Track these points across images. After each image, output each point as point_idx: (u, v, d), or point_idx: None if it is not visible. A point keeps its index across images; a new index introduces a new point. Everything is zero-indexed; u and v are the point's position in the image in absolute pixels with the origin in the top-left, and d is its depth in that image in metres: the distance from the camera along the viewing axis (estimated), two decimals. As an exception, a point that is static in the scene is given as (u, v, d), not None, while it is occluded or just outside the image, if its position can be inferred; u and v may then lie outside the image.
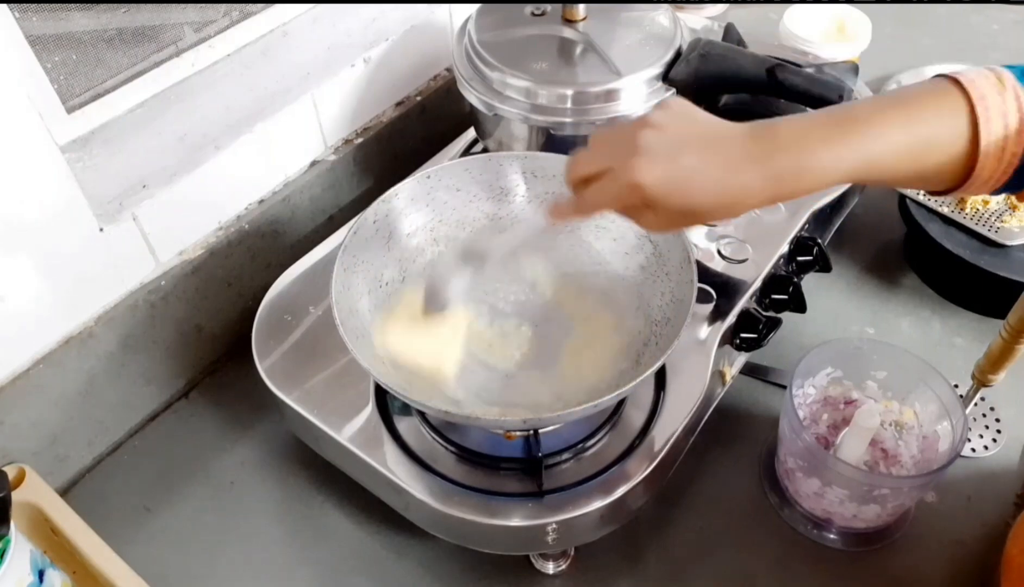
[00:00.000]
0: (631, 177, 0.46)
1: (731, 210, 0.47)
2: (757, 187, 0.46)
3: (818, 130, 0.46)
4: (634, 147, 0.47)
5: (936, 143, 0.45)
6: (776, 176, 0.45)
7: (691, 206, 0.47)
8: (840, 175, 0.46)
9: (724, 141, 0.47)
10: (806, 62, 0.91)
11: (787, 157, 0.45)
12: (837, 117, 0.46)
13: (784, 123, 0.46)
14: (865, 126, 0.45)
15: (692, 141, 0.47)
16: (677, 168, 0.46)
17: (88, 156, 0.71)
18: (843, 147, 0.45)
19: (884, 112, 0.45)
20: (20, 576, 0.56)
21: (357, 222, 0.66)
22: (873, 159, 0.45)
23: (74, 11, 0.66)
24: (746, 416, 0.77)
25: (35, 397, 0.68)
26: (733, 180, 0.46)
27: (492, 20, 0.83)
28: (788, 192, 0.46)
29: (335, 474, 0.70)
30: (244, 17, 0.80)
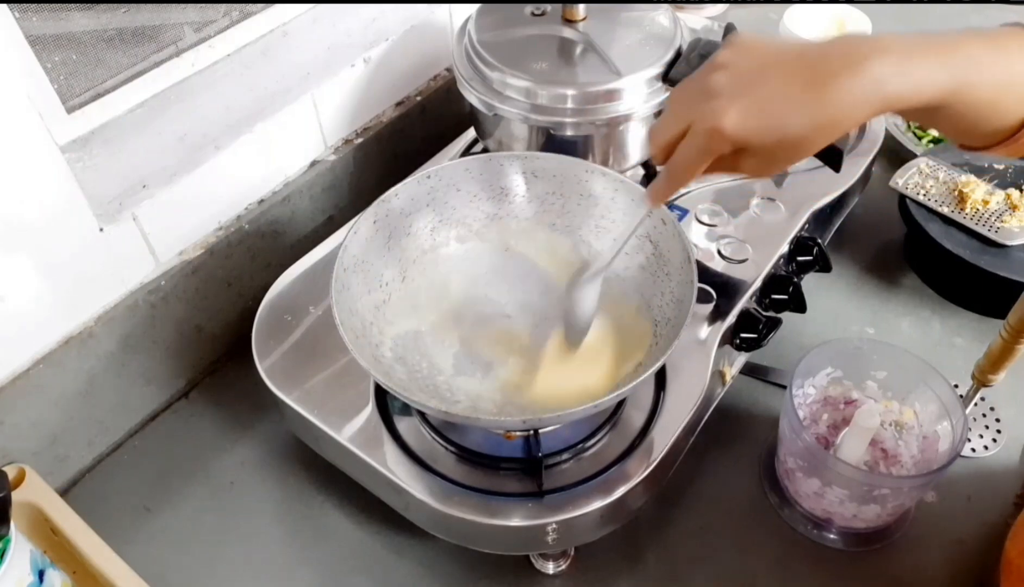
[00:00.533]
0: (711, 124, 0.43)
1: (831, 131, 0.43)
2: (855, 98, 0.42)
3: (917, 41, 0.42)
4: (707, 93, 0.44)
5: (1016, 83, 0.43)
6: (878, 81, 0.42)
7: (784, 136, 0.43)
8: (934, 91, 0.42)
9: (806, 56, 0.43)
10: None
11: (888, 60, 0.42)
12: (932, 37, 0.43)
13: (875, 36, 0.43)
14: (964, 49, 0.43)
15: (771, 66, 0.43)
16: (760, 100, 0.43)
17: (88, 156, 0.71)
18: (944, 61, 0.42)
19: (977, 40, 0.43)
20: (20, 576, 0.56)
21: (357, 222, 0.66)
22: (964, 83, 0.43)
23: (74, 11, 0.66)
24: (746, 416, 0.77)
25: (35, 397, 0.68)
26: (827, 95, 0.42)
27: (492, 20, 0.83)
28: (891, 100, 0.42)
29: (335, 474, 0.70)
30: (244, 17, 0.80)
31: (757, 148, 0.44)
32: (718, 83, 0.44)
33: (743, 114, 0.43)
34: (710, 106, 0.44)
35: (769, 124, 0.43)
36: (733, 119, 0.43)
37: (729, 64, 0.44)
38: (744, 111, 0.43)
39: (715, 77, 0.44)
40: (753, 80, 0.43)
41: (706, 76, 0.45)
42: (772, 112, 0.43)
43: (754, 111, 0.43)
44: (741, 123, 0.43)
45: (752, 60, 0.44)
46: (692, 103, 0.45)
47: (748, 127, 0.43)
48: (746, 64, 0.44)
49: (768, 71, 0.44)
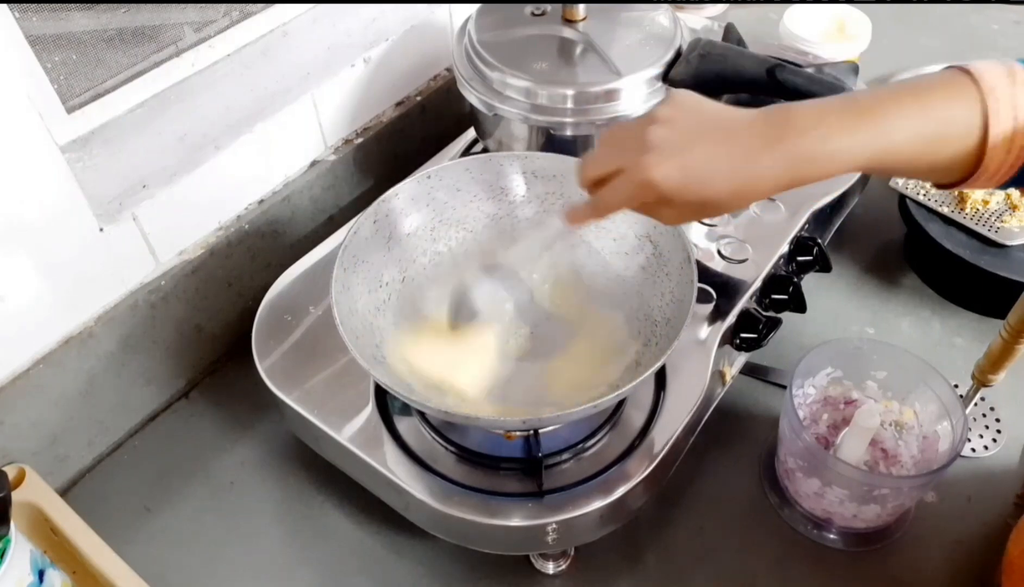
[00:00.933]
0: (643, 176, 0.46)
1: (747, 198, 0.47)
2: (772, 173, 0.45)
3: (834, 116, 0.45)
4: (644, 145, 0.47)
5: (949, 133, 0.45)
6: (792, 161, 0.45)
7: (707, 197, 0.47)
8: (854, 162, 0.45)
9: (736, 129, 0.47)
10: (806, 62, 0.91)
11: (803, 142, 0.45)
12: (852, 104, 0.46)
13: (798, 108, 0.46)
14: (881, 114, 0.45)
15: (703, 132, 0.47)
16: (689, 161, 0.46)
17: (88, 156, 0.71)
18: (859, 134, 0.44)
19: (899, 100, 0.45)
20: (20, 576, 0.56)
21: (357, 222, 0.66)
22: (888, 147, 0.45)
23: (74, 11, 0.66)
24: (746, 416, 0.77)
25: (35, 397, 0.68)
26: (748, 167, 0.46)
27: (492, 20, 0.83)
28: (803, 177, 0.46)
29: (335, 474, 0.70)
30: (244, 17, 0.80)
31: (679, 202, 0.47)
32: (656, 137, 0.47)
33: (676, 173, 0.46)
34: (646, 158, 0.47)
35: (697, 185, 0.46)
36: (664, 174, 0.46)
37: (668, 121, 0.47)
38: (677, 170, 0.46)
39: (654, 130, 0.47)
40: (691, 141, 0.47)
41: (645, 127, 0.48)
42: (702, 174, 0.46)
43: (683, 171, 0.46)
44: (673, 180, 0.46)
45: (691, 120, 0.48)
46: (628, 149, 0.48)
47: (675, 185, 0.46)
48: (683, 124, 0.47)
49: (701, 135, 0.47)
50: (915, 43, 1.20)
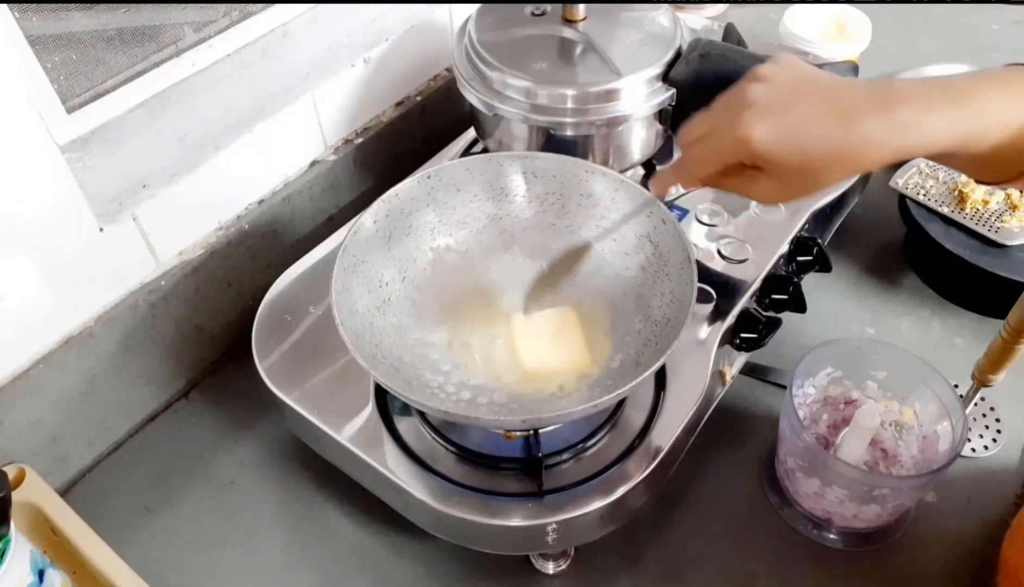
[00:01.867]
0: (738, 132, 0.44)
1: (847, 166, 0.45)
2: (878, 138, 0.43)
3: (936, 91, 0.44)
4: (742, 101, 0.45)
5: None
6: (895, 128, 0.43)
7: (806, 161, 0.44)
8: (950, 139, 0.44)
9: (840, 90, 0.45)
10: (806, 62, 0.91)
11: (906, 111, 0.43)
12: (948, 84, 0.45)
13: (900, 80, 0.45)
14: (977, 94, 0.44)
15: (804, 91, 0.45)
16: (789, 119, 0.44)
17: (88, 156, 0.71)
18: (959, 110, 0.44)
19: (989, 87, 0.45)
20: (20, 576, 0.56)
21: (357, 222, 0.66)
22: (980, 130, 0.44)
23: (74, 11, 0.66)
24: (746, 416, 0.77)
25: (35, 397, 0.68)
26: (853, 129, 0.44)
27: (492, 20, 0.83)
28: (903, 149, 0.44)
29: (335, 474, 0.70)
30: (244, 17, 0.80)
31: (775, 167, 0.45)
32: (755, 94, 0.45)
33: (771, 130, 0.44)
34: (743, 114, 0.45)
35: (793, 145, 0.44)
36: (761, 132, 0.44)
37: (769, 78, 0.46)
38: (773, 128, 0.44)
39: (753, 88, 0.45)
40: (788, 100, 0.45)
41: (746, 84, 0.46)
42: (798, 134, 0.44)
43: (782, 129, 0.44)
44: (767, 138, 0.44)
45: (791, 80, 0.45)
46: (727, 107, 0.46)
47: (773, 143, 0.44)
48: (785, 82, 0.45)
49: (803, 94, 0.45)
50: (915, 43, 1.20)
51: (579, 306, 0.69)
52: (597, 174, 0.70)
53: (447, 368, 0.66)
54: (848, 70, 0.87)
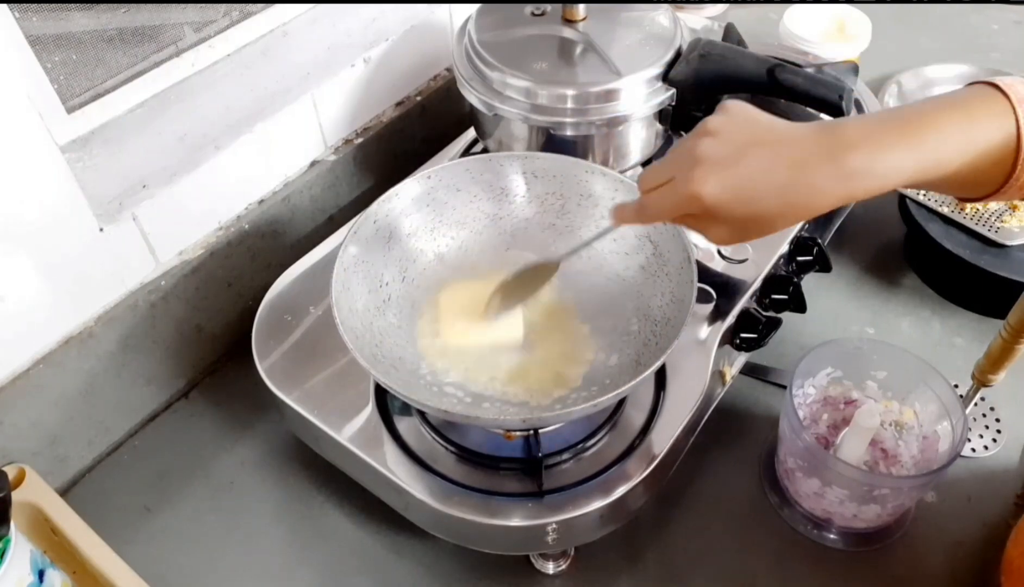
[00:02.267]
0: (689, 189, 0.46)
1: (798, 214, 0.46)
2: (828, 186, 0.45)
3: (883, 131, 0.45)
4: (693, 157, 0.46)
5: (989, 144, 0.45)
6: (844, 176, 0.44)
7: (756, 212, 0.46)
8: (907, 175, 0.45)
9: (788, 141, 0.46)
10: (806, 62, 0.91)
11: (855, 156, 0.44)
12: (898, 120, 0.45)
13: (848, 123, 0.46)
14: (930, 128, 0.45)
15: (754, 144, 0.46)
16: (737, 175, 0.45)
17: (88, 156, 0.71)
18: (909, 149, 0.44)
19: (944, 113, 0.45)
20: (20, 576, 0.56)
21: (357, 222, 0.66)
22: (938, 160, 0.45)
23: (74, 11, 0.66)
24: (746, 416, 0.77)
25: (35, 397, 0.68)
26: (802, 180, 0.45)
27: (492, 20, 0.83)
28: (853, 193, 0.45)
29: (335, 474, 0.70)
30: (244, 17, 0.80)
31: (727, 218, 0.47)
32: (705, 150, 0.46)
33: (721, 186, 0.46)
34: (694, 172, 0.46)
35: (742, 198, 0.46)
36: (711, 188, 0.46)
37: (718, 133, 0.47)
38: (722, 183, 0.46)
39: (704, 143, 0.47)
40: (736, 154, 0.46)
41: (696, 139, 0.47)
42: (748, 188, 0.46)
43: (731, 184, 0.46)
44: (717, 193, 0.46)
45: (739, 133, 0.47)
46: (680, 161, 0.48)
47: (723, 198, 0.46)
48: (733, 136, 0.47)
49: (752, 149, 0.46)
50: (915, 43, 1.20)
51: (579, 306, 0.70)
52: (597, 174, 0.70)
53: (447, 368, 0.66)
54: (848, 70, 0.87)
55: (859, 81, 0.90)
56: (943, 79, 1.04)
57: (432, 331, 0.67)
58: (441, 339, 0.66)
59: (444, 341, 0.66)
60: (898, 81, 1.03)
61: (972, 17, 1.26)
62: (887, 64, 1.08)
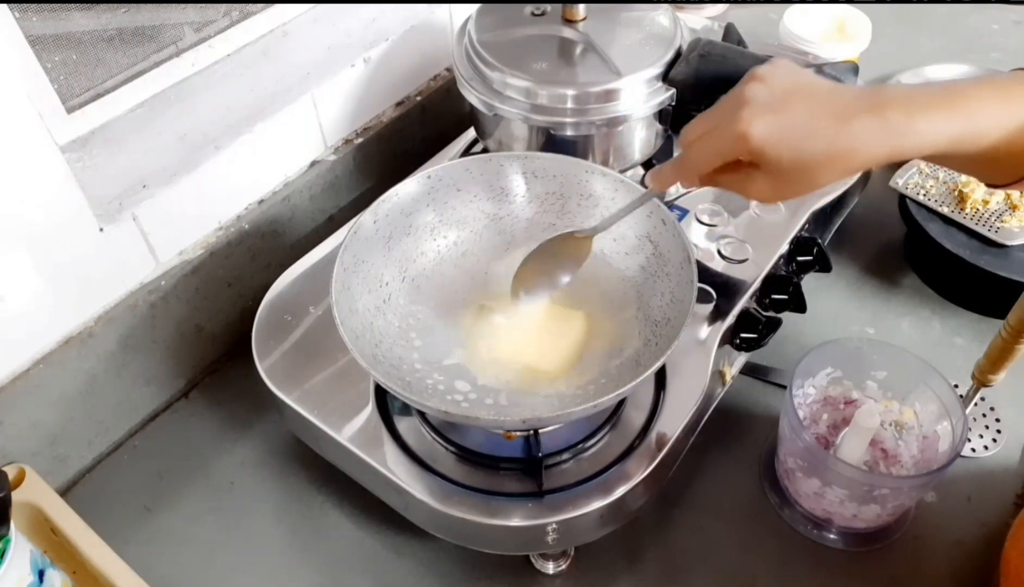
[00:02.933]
0: (738, 128, 0.46)
1: (841, 165, 0.46)
2: (871, 138, 0.45)
3: (927, 95, 0.46)
4: (741, 100, 0.46)
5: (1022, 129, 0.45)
6: (886, 130, 0.45)
7: (802, 159, 0.46)
8: (942, 141, 0.45)
9: (834, 93, 0.46)
10: (806, 62, 0.91)
11: (901, 112, 0.45)
12: (941, 88, 0.46)
13: (891, 85, 0.47)
14: (971, 98, 0.45)
15: (801, 91, 0.46)
16: (786, 117, 0.45)
17: (88, 156, 0.71)
18: (951, 113, 0.45)
19: (984, 90, 0.46)
20: (20, 576, 0.56)
21: (357, 222, 0.66)
22: (975, 130, 0.45)
23: (74, 11, 0.66)
24: (746, 416, 0.77)
25: (35, 397, 0.68)
26: (845, 130, 0.45)
27: (492, 20, 0.83)
28: (895, 150, 0.45)
29: (335, 474, 0.70)
30: (244, 17, 0.80)
31: (771, 164, 0.46)
32: (753, 93, 0.46)
33: (768, 127, 0.45)
34: (742, 112, 0.46)
35: (789, 142, 0.45)
36: (758, 129, 0.45)
37: (766, 78, 0.47)
38: (770, 125, 0.45)
39: (751, 86, 0.47)
40: (784, 99, 0.46)
41: (744, 83, 0.47)
42: (794, 132, 0.45)
43: (778, 127, 0.45)
44: (764, 134, 0.45)
45: (787, 81, 0.47)
46: (726, 106, 0.48)
47: (770, 140, 0.45)
48: (782, 82, 0.47)
49: (799, 94, 0.46)
50: (915, 43, 1.20)
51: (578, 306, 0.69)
52: (597, 174, 0.70)
53: (447, 368, 0.66)
54: (848, 70, 0.87)
55: (859, 81, 0.90)
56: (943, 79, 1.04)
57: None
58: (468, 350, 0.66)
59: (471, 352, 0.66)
60: (898, 81, 1.03)
61: (972, 17, 1.26)
62: (887, 64, 1.08)
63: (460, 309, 0.70)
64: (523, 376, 0.65)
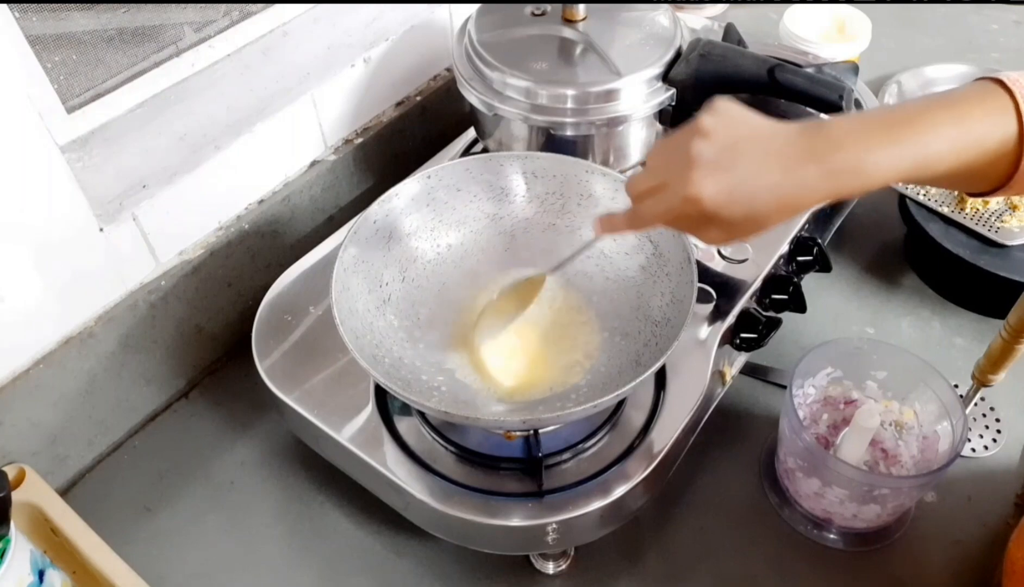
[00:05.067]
0: (687, 191, 0.46)
1: (790, 211, 0.46)
2: (816, 185, 0.45)
3: (873, 128, 0.45)
4: (688, 159, 0.46)
5: (985, 142, 0.45)
6: (834, 174, 0.45)
7: (750, 212, 0.46)
8: (895, 173, 0.45)
9: (777, 141, 0.46)
10: (806, 62, 0.91)
11: (845, 155, 0.45)
12: (889, 117, 0.46)
13: (837, 121, 0.46)
14: (920, 126, 0.45)
15: (745, 145, 0.46)
16: (734, 175, 0.45)
17: (88, 156, 0.71)
18: (899, 146, 0.44)
19: (935, 112, 0.45)
20: (20, 576, 0.56)
21: (357, 222, 0.66)
22: (927, 158, 0.45)
23: (74, 11, 0.66)
24: (746, 416, 0.77)
25: (35, 397, 0.68)
26: (792, 180, 0.45)
27: (492, 20, 0.83)
28: (845, 190, 0.45)
29: (335, 474, 0.70)
30: (244, 17, 0.80)
31: (725, 220, 0.47)
32: (700, 151, 0.46)
33: (718, 188, 0.46)
34: (691, 174, 0.46)
35: (739, 200, 0.46)
36: (709, 191, 0.46)
37: (711, 133, 0.47)
38: (719, 185, 0.46)
39: (696, 144, 0.47)
40: (732, 155, 0.46)
41: (688, 141, 0.47)
42: (743, 189, 0.46)
43: (727, 186, 0.46)
44: (715, 196, 0.46)
45: (732, 132, 0.47)
46: (673, 164, 0.48)
47: (720, 201, 0.46)
48: (726, 135, 0.47)
49: (744, 146, 0.46)
50: (915, 43, 1.20)
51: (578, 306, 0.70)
52: (597, 174, 0.70)
53: (447, 368, 0.66)
54: (848, 70, 0.87)
55: (859, 81, 0.90)
56: (943, 79, 1.04)
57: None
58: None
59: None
60: (898, 81, 1.03)
61: (972, 17, 1.26)
62: (887, 64, 1.08)
63: (460, 309, 0.70)
64: (523, 376, 0.65)
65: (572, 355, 0.67)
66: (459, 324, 0.69)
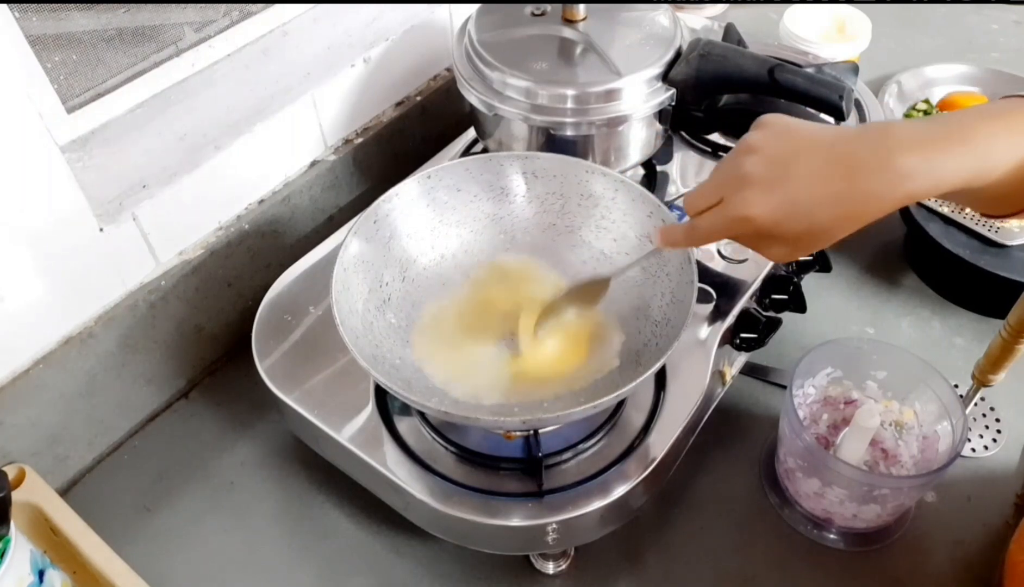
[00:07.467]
0: (739, 212, 0.45)
1: (857, 221, 0.45)
2: (884, 190, 0.43)
3: (935, 135, 0.44)
4: (739, 178, 0.45)
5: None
6: (903, 177, 0.43)
7: (811, 226, 0.45)
8: (957, 180, 0.44)
9: (837, 144, 0.45)
10: (806, 62, 0.91)
11: (912, 157, 0.43)
12: (945, 126, 0.44)
13: (898, 127, 0.45)
14: (980, 134, 0.44)
15: (799, 155, 0.45)
16: (789, 190, 0.44)
17: (88, 156, 0.71)
18: (963, 151, 0.43)
19: (988, 122, 0.45)
20: (20, 576, 0.56)
21: (357, 222, 0.66)
22: (985, 168, 0.44)
23: (74, 11, 0.66)
24: (746, 416, 0.77)
25: (35, 397, 0.68)
26: (856, 185, 0.44)
27: (492, 20, 0.83)
28: (908, 196, 0.44)
29: (335, 474, 0.70)
30: (244, 17, 0.80)
31: (782, 236, 0.46)
32: (751, 170, 0.45)
33: (772, 206, 0.45)
34: (743, 194, 0.45)
35: (797, 216, 0.45)
36: (763, 210, 0.45)
37: (760, 149, 0.46)
38: (773, 203, 0.45)
39: (748, 162, 0.45)
40: (784, 168, 0.45)
41: (740, 159, 0.46)
42: (800, 205, 0.44)
43: (783, 203, 0.44)
44: (770, 215, 0.45)
45: (783, 145, 0.45)
46: (728, 181, 0.47)
47: (775, 218, 0.45)
48: (777, 149, 0.45)
49: (798, 161, 0.45)
50: (915, 43, 1.20)
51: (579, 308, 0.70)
52: (597, 174, 0.70)
53: (448, 368, 0.66)
54: (848, 70, 0.87)
55: (859, 81, 0.90)
56: (943, 79, 1.04)
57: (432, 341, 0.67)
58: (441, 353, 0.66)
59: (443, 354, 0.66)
60: (898, 81, 1.03)
61: (972, 17, 1.26)
62: (887, 64, 1.08)
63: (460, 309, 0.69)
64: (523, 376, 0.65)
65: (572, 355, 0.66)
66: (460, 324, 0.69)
